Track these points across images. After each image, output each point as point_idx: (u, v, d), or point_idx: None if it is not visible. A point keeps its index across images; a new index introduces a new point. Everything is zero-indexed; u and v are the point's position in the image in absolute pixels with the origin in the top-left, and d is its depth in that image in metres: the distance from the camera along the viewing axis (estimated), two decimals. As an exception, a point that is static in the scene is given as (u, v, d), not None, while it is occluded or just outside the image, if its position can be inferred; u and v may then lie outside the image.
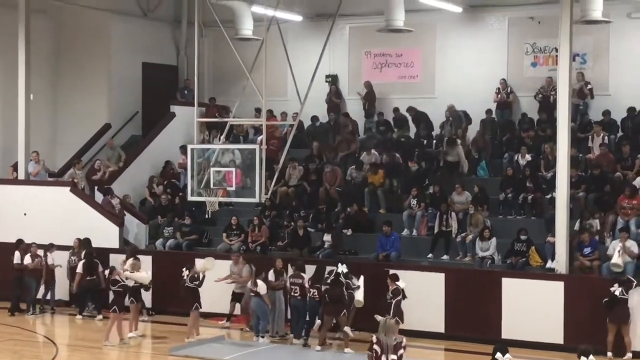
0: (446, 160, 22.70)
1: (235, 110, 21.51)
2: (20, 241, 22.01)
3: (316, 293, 18.46)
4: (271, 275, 19.27)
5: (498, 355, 10.75)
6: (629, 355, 17.15)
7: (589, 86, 22.81)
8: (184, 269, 18.95)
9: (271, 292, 18.95)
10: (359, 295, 18.30)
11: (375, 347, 12.41)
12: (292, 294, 18.88)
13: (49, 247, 21.90)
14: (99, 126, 26.01)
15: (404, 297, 17.85)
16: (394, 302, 17.72)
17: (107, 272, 19.83)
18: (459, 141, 22.83)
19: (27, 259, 21.60)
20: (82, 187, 23.80)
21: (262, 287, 18.78)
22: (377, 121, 25.16)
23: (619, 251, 18.25)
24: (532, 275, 19.03)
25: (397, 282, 18.00)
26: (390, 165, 23.12)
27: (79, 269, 21.19)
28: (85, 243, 21.79)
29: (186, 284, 18.72)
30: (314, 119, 25.48)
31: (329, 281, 18.30)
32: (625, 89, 22.53)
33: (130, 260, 19.40)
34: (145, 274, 19.11)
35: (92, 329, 20.17)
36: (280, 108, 25.12)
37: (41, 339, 19.43)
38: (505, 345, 11.43)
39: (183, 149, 23.95)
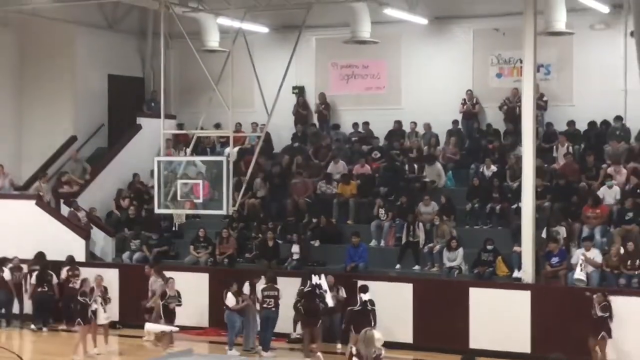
0: (424, 181, 22.70)
1: (202, 122, 21.45)
2: None
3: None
4: (246, 289, 19.21)
5: None
6: None
7: (544, 98, 22.96)
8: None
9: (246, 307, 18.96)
10: (328, 300, 18.39)
11: (355, 359, 12.47)
12: (265, 305, 18.85)
13: (4, 261, 21.71)
14: (65, 139, 25.79)
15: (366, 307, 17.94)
16: (371, 309, 17.87)
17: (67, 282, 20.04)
18: (437, 162, 22.90)
19: (7, 273, 21.47)
20: (48, 200, 23.63)
21: (230, 299, 18.76)
22: (351, 133, 25.21)
23: (580, 264, 18.43)
24: (499, 285, 19.16)
25: (361, 294, 18.09)
26: (365, 179, 23.10)
27: (32, 281, 21.27)
28: (38, 257, 21.76)
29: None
30: (295, 137, 25.42)
31: (304, 293, 18.40)
32: (589, 100, 22.75)
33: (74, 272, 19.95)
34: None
35: (57, 343, 20.03)
36: (248, 119, 25.08)
37: (7, 354, 19.23)
38: (473, 355, 11.49)
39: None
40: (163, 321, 18.71)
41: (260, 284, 19.19)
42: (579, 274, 18.37)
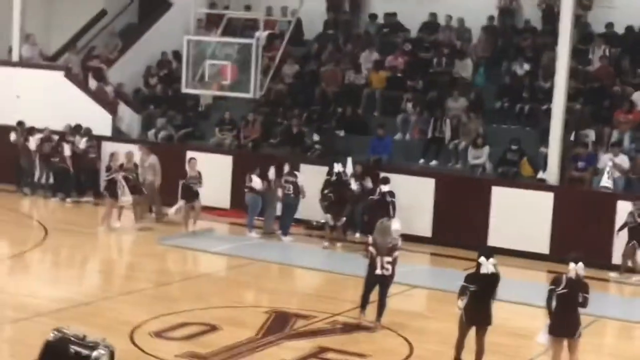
0: (454, 76, 22.39)
1: (233, 4, 21.18)
2: (20, 123, 21.90)
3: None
4: (272, 174, 19.26)
5: (482, 259, 10.82)
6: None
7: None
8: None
9: (269, 191, 19.06)
10: (354, 184, 18.49)
11: (371, 248, 12.57)
12: (286, 191, 18.93)
13: (32, 131, 21.78)
14: (95, 12, 25.61)
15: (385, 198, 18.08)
16: (391, 201, 17.90)
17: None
18: (469, 58, 22.54)
19: (32, 143, 21.56)
20: (76, 73, 23.58)
21: (256, 182, 18.83)
22: (383, 24, 24.80)
23: (608, 172, 18.24)
24: (522, 185, 19.07)
25: (382, 185, 18.14)
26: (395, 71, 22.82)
27: (67, 152, 21.36)
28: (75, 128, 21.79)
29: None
30: (327, 25, 24.93)
31: (332, 182, 18.44)
32: (631, 1, 22.18)
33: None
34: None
35: (82, 213, 20.32)
36: (279, 2, 24.69)
37: (32, 223, 19.52)
38: (490, 250, 11.49)
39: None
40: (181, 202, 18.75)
41: (285, 170, 19.23)
42: (605, 181, 18.20)
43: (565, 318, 10.60)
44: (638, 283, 16.80)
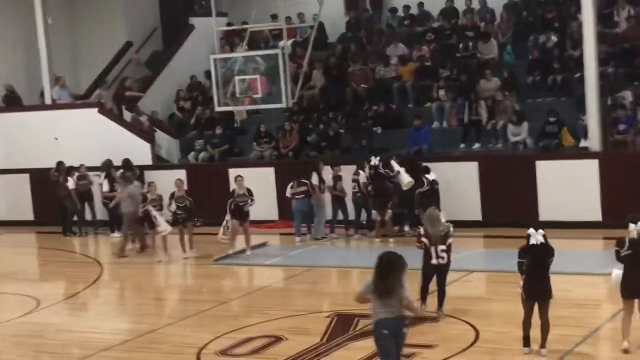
0: (484, 58, 22.31)
1: (254, 18, 21.32)
2: (60, 163, 22.14)
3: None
4: (315, 179, 19.34)
5: (530, 230, 10.82)
6: None
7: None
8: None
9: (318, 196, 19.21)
10: (405, 178, 18.38)
11: (424, 239, 12.57)
12: (352, 190, 19.11)
13: (70, 171, 21.95)
14: (120, 45, 25.94)
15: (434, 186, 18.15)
16: (437, 188, 18.00)
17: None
18: (492, 39, 22.47)
19: (71, 182, 21.74)
20: (110, 107, 23.86)
21: (288, 190, 19.11)
22: (403, 16, 24.80)
23: None
24: (565, 156, 18.96)
25: (426, 175, 18.11)
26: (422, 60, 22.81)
27: (104, 188, 21.45)
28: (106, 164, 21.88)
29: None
30: (349, 25, 24.98)
31: (368, 176, 18.50)
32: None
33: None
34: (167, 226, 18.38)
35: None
36: (298, 10, 24.79)
37: (86, 260, 19.76)
38: (538, 223, 11.46)
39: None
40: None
41: (327, 173, 19.30)
42: None
43: (632, 279, 10.56)
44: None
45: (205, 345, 12.34)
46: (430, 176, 18.20)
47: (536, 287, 10.74)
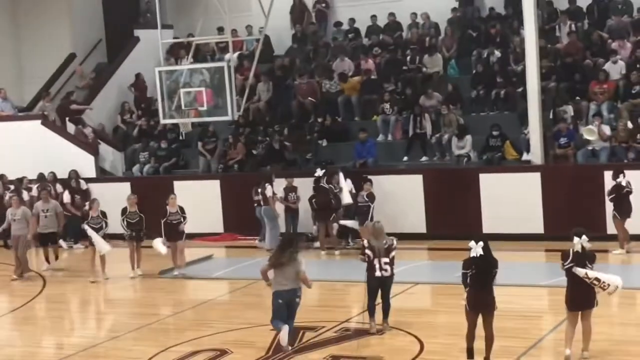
0: (425, 73, 22.52)
1: (199, 30, 21.27)
2: (1, 176, 21.89)
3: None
4: (269, 190, 19.37)
5: (470, 243, 10.91)
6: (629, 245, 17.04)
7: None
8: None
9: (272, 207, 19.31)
10: (345, 198, 18.45)
11: (367, 251, 12.60)
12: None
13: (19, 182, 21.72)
14: (64, 57, 25.69)
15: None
16: (372, 206, 18.00)
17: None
18: (437, 52, 22.69)
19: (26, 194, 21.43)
20: (53, 119, 23.61)
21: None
22: (348, 30, 24.94)
23: (594, 124, 18.49)
24: (508, 169, 19.22)
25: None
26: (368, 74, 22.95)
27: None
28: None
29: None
30: (294, 38, 25.06)
31: (313, 189, 18.60)
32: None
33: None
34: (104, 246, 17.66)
35: (74, 259, 20.38)
36: (246, 22, 24.82)
37: (29, 273, 19.48)
38: (478, 235, 11.54)
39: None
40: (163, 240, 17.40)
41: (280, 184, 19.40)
42: (591, 126, 18.41)
43: (576, 292, 10.72)
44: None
45: (149, 359, 12.24)
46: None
47: (480, 299, 10.84)
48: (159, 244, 17.33)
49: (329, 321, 13.44)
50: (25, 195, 21.42)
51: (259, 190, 19.42)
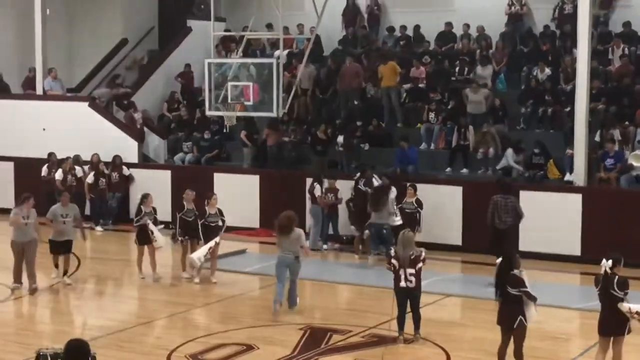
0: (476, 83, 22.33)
1: (252, 25, 21.36)
2: (50, 155, 22.06)
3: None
4: (318, 190, 19.42)
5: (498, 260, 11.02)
6: None
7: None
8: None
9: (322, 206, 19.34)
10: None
11: (394, 261, 12.52)
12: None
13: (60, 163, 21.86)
14: (116, 41, 25.92)
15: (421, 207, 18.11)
16: (421, 212, 17.98)
17: None
18: (490, 64, 22.53)
19: (59, 174, 21.59)
20: (105, 103, 23.83)
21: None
22: (399, 36, 24.88)
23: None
24: (550, 188, 19.03)
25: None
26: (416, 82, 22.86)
27: (89, 180, 21.66)
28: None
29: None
30: (344, 40, 25.08)
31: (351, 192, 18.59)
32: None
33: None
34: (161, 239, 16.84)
35: (111, 242, 20.52)
36: (298, 21, 24.85)
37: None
38: (513, 252, 11.51)
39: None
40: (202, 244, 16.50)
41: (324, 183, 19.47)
42: (636, 152, 18.23)
43: (605, 316, 10.62)
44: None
45: (176, 348, 12.31)
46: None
47: (504, 316, 10.88)
48: (195, 259, 16.21)
49: (357, 326, 13.42)
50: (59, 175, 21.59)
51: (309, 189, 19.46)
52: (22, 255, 15.31)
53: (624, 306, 10.45)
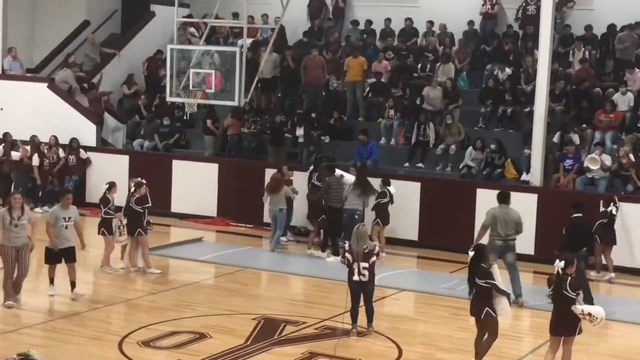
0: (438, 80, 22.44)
1: (216, 11, 21.27)
2: (6, 135, 21.79)
3: None
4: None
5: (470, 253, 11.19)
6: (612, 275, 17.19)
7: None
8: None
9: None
10: (349, 179, 18.21)
11: (347, 255, 12.59)
12: None
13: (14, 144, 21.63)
14: (77, 23, 25.65)
15: (392, 201, 18.11)
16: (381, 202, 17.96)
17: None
18: (452, 63, 22.65)
19: (15, 154, 21.39)
20: (73, 87, 23.52)
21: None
22: (364, 30, 24.90)
23: (595, 152, 18.56)
24: (506, 187, 19.14)
25: (388, 187, 18.17)
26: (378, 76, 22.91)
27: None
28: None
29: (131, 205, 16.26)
30: (308, 32, 25.00)
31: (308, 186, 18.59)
32: (609, 4, 22.41)
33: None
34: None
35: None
36: (262, 11, 24.79)
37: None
38: (483, 247, 11.67)
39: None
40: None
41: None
42: (594, 156, 18.45)
43: (557, 316, 10.76)
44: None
45: (128, 334, 12.26)
46: (392, 189, 18.23)
47: (473, 306, 11.27)
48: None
49: (311, 317, 13.46)
50: (16, 155, 21.41)
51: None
52: (14, 263, 13.50)
53: (577, 308, 10.60)
